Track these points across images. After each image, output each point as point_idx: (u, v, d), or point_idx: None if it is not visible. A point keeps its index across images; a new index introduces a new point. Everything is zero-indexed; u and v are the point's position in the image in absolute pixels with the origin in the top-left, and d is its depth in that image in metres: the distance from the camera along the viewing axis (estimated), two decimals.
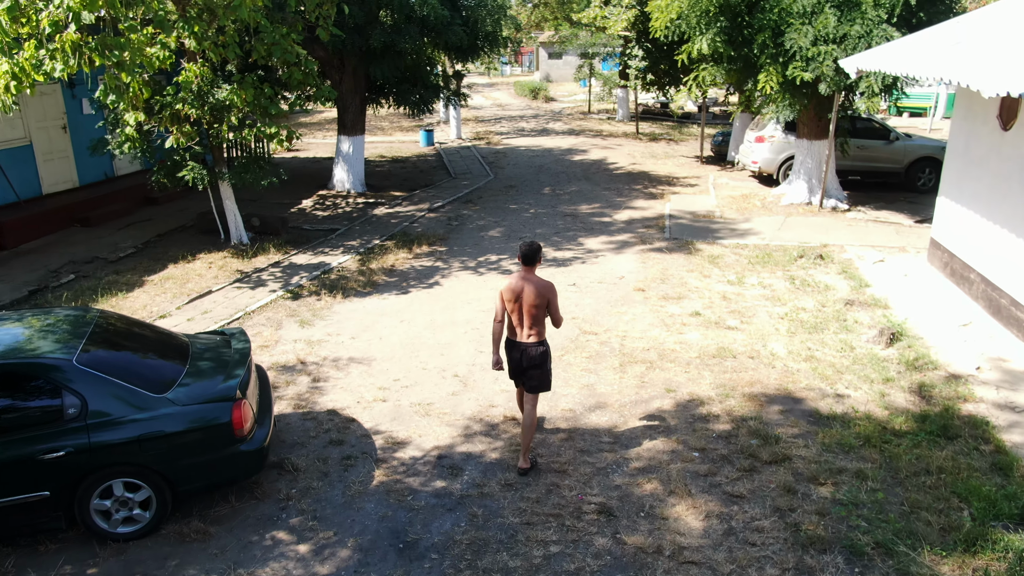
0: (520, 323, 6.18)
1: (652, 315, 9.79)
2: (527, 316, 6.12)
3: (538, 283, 6.10)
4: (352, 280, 11.34)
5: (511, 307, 6.17)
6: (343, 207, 16.04)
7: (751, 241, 13.04)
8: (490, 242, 13.36)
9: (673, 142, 25.41)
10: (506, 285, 6.19)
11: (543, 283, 6.13)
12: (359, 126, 16.87)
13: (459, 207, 16.11)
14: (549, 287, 6.14)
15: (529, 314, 6.11)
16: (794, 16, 13.25)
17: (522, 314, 6.13)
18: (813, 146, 15.24)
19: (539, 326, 6.19)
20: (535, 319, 6.14)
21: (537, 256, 6.18)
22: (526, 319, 6.13)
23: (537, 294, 6.05)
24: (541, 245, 6.62)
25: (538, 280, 6.13)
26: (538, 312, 6.13)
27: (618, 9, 19.42)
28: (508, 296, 6.14)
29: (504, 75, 64.63)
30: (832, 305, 9.96)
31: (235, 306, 10.38)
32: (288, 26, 12.08)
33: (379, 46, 14.51)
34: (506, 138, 26.89)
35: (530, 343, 6.21)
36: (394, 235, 13.79)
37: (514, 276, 6.23)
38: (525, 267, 6.18)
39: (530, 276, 6.14)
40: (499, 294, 6.24)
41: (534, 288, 6.06)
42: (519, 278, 6.14)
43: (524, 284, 6.09)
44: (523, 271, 6.19)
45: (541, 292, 6.06)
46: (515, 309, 6.16)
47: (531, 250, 6.15)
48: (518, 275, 6.19)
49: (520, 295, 6.09)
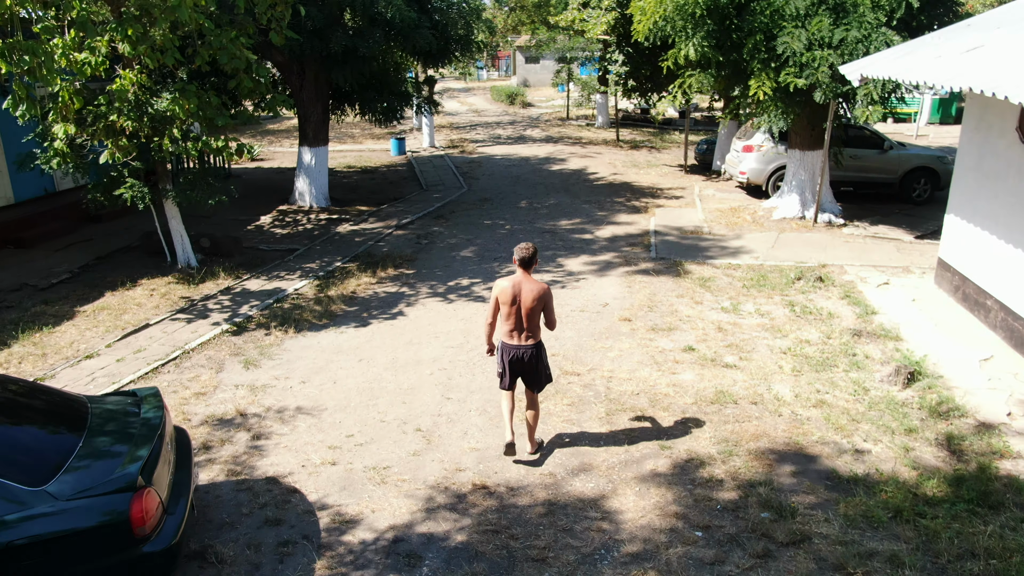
0: (517, 327, 6.21)
1: (641, 351, 8.78)
2: (524, 319, 6.16)
3: (535, 286, 6.13)
4: (307, 310, 10.22)
5: (507, 310, 6.16)
6: (304, 224, 14.90)
7: (744, 261, 12.09)
8: (462, 264, 12.30)
9: (655, 150, 24.51)
10: (501, 288, 6.17)
11: (539, 286, 6.15)
12: (322, 136, 15.75)
13: (429, 223, 15.03)
14: (546, 290, 6.16)
15: (526, 317, 6.15)
16: (787, 19, 12.35)
17: (519, 317, 6.16)
18: (806, 157, 14.35)
19: (535, 329, 6.26)
20: (531, 322, 6.19)
21: (534, 259, 6.22)
22: (524, 322, 6.17)
23: (534, 297, 6.08)
24: (537, 248, 6.54)
25: (534, 283, 6.15)
26: (534, 315, 6.18)
27: (597, 12, 18.47)
28: (504, 299, 6.13)
29: (481, 80, 63.63)
30: (838, 337, 9.01)
31: (173, 343, 9.23)
32: (237, 29, 10.97)
33: (340, 50, 13.41)
34: (481, 146, 25.85)
35: (527, 345, 6.26)
36: (357, 256, 12.69)
37: (509, 279, 6.21)
38: (521, 270, 6.20)
39: (526, 279, 6.15)
40: (493, 298, 6.25)
41: (531, 291, 6.09)
42: (515, 281, 6.15)
43: (521, 287, 6.12)
44: (519, 274, 6.20)
45: (538, 296, 6.10)
46: (511, 312, 6.16)
47: (528, 253, 6.18)
48: (513, 278, 6.18)
49: (517, 298, 6.11)
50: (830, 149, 14.30)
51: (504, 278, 6.30)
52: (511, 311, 6.16)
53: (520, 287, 6.13)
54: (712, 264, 11.97)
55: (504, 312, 6.19)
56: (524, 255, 6.18)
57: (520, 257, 6.19)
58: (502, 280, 6.26)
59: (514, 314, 6.17)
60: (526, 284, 6.13)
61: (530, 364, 6.32)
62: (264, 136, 28.36)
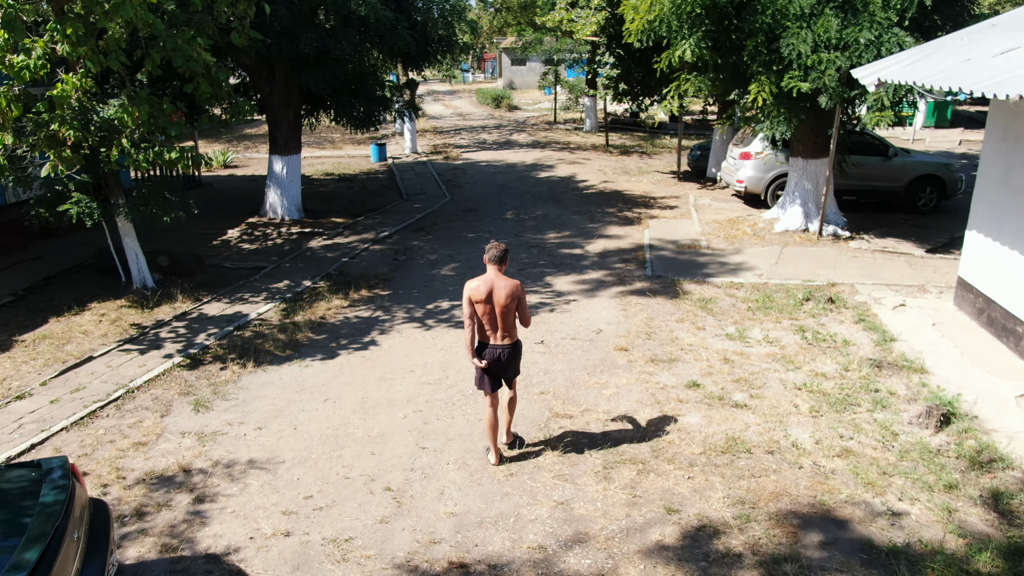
0: (492, 326, 6.13)
1: (640, 387, 7.88)
2: (499, 318, 6.08)
3: (507, 284, 6.03)
4: (270, 340, 9.25)
5: (482, 309, 6.07)
6: (274, 238, 13.91)
7: (746, 279, 11.23)
8: (442, 283, 11.36)
9: (646, 155, 23.66)
10: (474, 287, 6.04)
11: (511, 283, 6.05)
12: (293, 144, 14.76)
13: (409, 237, 14.08)
14: (518, 287, 6.07)
15: (501, 315, 6.07)
16: (790, 19, 11.50)
17: (494, 316, 6.08)
18: (809, 165, 13.52)
19: (511, 327, 6.19)
20: (506, 321, 6.11)
21: (505, 257, 6.14)
22: (499, 321, 6.10)
23: (507, 295, 6.00)
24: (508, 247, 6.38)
25: (506, 280, 6.05)
26: (509, 313, 6.09)
27: (586, 12, 17.59)
28: (477, 298, 6.03)
29: (466, 82, 62.70)
30: (857, 369, 8.14)
31: (118, 379, 8.24)
32: (196, 29, 10.00)
33: (311, 52, 12.44)
34: (466, 152, 24.91)
35: (505, 345, 6.20)
36: (329, 275, 11.72)
37: (480, 279, 6.08)
38: (493, 268, 6.07)
39: (498, 277, 6.05)
40: (467, 297, 6.07)
41: (503, 289, 6.00)
42: (487, 280, 6.04)
43: (493, 285, 6.01)
44: (491, 272, 6.08)
45: (511, 293, 6.01)
46: (486, 311, 6.07)
47: (501, 252, 6.10)
48: (485, 277, 6.07)
49: (490, 297, 6.01)
50: (835, 157, 13.50)
51: (474, 279, 6.13)
52: (485, 310, 6.07)
53: (492, 285, 6.02)
54: (712, 283, 11.10)
55: (479, 312, 6.09)
56: (496, 253, 6.09)
57: (492, 255, 6.09)
58: (472, 280, 6.11)
59: (488, 313, 6.08)
60: (498, 282, 6.03)
61: (507, 363, 6.27)
62: (240, 141, 27.31)
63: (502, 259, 6.11)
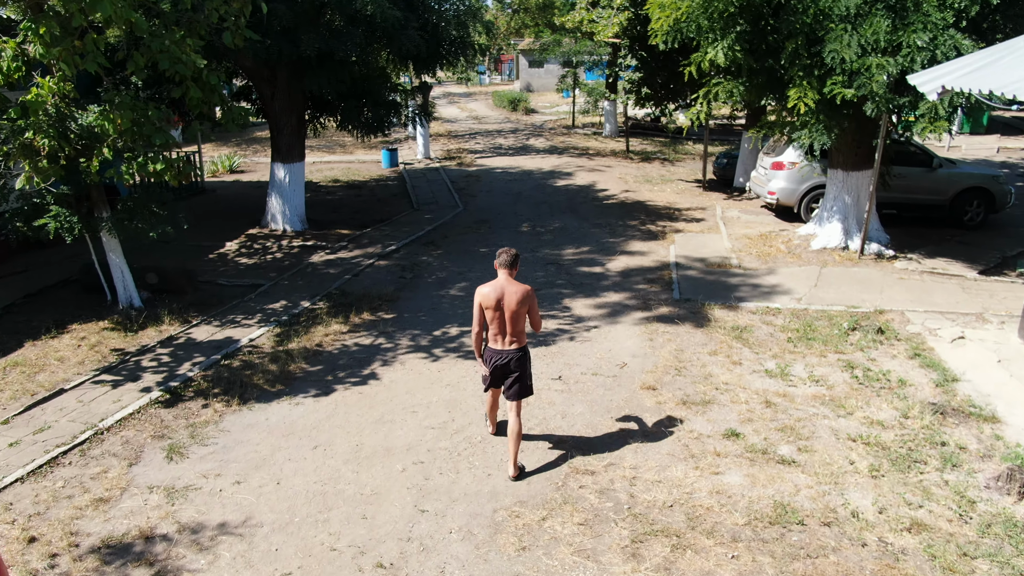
0: (501, 331, 6.11)
1: (671, 436, 6.94)
2: (508, 323, 6.06)
3: (517, 289, 6.03)
4: (260, 371, 8.39)
5: (491, 315, 6.06)
6: (274, 252, 13.07)
7: (783, 303, 10.25)
8: (451, 305, 10.47)
9: (668, 162, 22.66)
10: (484, 293, 6.04)
11: (522, 289, 6.05)
12: (297, 151, 13.93)
13: (417, 251, 13.20)
14: (529, 292, 6.07)
15: (511, 321, 6.05)
16: (834, 19, 10.52)
17: (503, 321, 6.06)
18: (850, 178, 12.50)
19: (520, 332, 6.15)
20: (516, 326, 6.08)
21: (516, 262, 6.14)
22: (508, 326, 6.07)
23: (518, 300, 5.98)
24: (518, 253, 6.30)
25: (517, 286, 6.05)
26: (519, 318, 6.07)
27: (608, 12, 16.66)
28: (488, 304, 6.02)
29: (483, 84, 61.88)
30: (919, 416, 7.16)
31: (88, 417, 7.42)
32: (187, 29, 9.19)
33: (314, 54, 11.60)
34: (481, 157, 24.03)
35: (512, 350, 6.15)
36: (330, 294, 10.85)
37: (491, 284, 6.07)
38: (504, 272, 6.07)
39: (509, 282, 6.05)
40: (476, 304, 6.09)
41: (514, 294, 5.99)
42: (497, 285, 6.04)
43: (504, 290, 6.00)
44: (502, 277, 6.08)
45: (522, 298, 6.00)
46: (495, 317, 6.05)
47: (511, 257, 6.10)
48: (496, 282, 6.06)
49: (501, 302, 6.00)
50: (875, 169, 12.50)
51: (485, 284, 6.11)
52: (495, 316, 6.05)
53: (504, 290, 6.01)
54: (746, 308, 10.13)
55: (489, 317, 6.07)
56: (506, 258, 6.09)
57: (502, 260, 6.09)
58: (484, 286, 6.09)
59: (498, 319, 6.06)
60: (509, 287, 6.02)
61: (514, 369, 6.19)
62: (249, 145, 26.58)
63: (512, 264, 6.08)
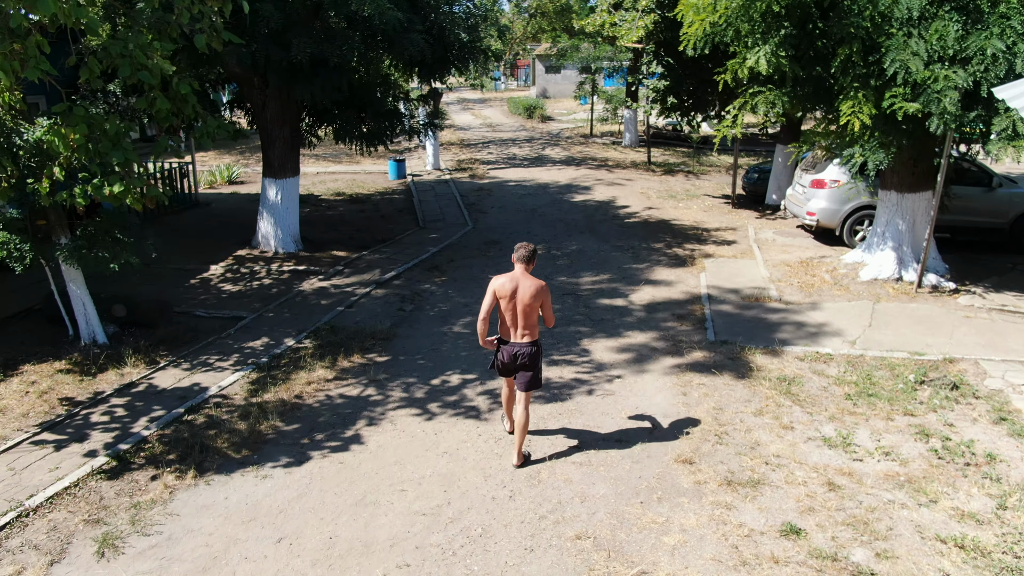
0: (514, 323, 6.17)
1: (715, 532, 5.64)
2: (521, 316, 6.12)
3: (532, 283, 6.07)
4: (226, 431, 7.17)
5: (505, 305, 6.12)
6: (262, 277, 11.87)
7: (835, 348, 8.92)
8: (453, 345, 9.22)
9: (692, 175, 21.33)
10: (499, 284, 6.11)
11: (536, 283, 6.09)
12: (290, 165, 12.75)
13: (419, 278, 11.96)
14: (543, 287, 6.11)
15: (523, 314, 6.10)
16: (894, 23, 9.20)
17: (516, 314, 6.11)
18: (905, 200, 11.14)
19: (532, 326, 6.19)
20: (528, 319, 6.13)
21: (534, 257, 6.21)
22: (520, 319, 6.13)
23: (532, 294, 6.04)
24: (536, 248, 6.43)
25: (532, 280, 6.10)
26: (532, 312, 6.12)
27: (632, 14, 15.39)
28: (502, 294, 6.09)
29: (498, 90, 60.74)
30: (1019, 507, 5.82)
31: (15, 492, 6.23)
32: (156, 31, 8.03)
33: (306, 59, 10.41)
34: (493, 168, 22.79)
35: (524, 343, 6.20)
36: (318, 331, 9.63)
37: (507, 275, 6.14)
38: (520, 267, 6.14)
39: (524, 276, 6.11)
40: (491, 292, 6.11)
41: (528, 288, 6.05)
42: (513, 277, 6.10)
43: (519, 283, 6.07)
44: (518, 270, 6.14)
45: (536, 292, 6.05)
46: (509, 308, 6.12)
47: (529, 252, 6.18)
48: (512, 274, 6.13)
49: (515, 294, 6.06)
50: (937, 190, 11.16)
51: (502, 275, 6.19)
52: (508, 307, 6.11)
53: (518, 283, 6.08)
54: (792, 353, 8.81)
55: (502, 307, 6.14)
56: (524, 253, 6.16)
57: (520, 255, 6.17)
58: (500, 276, 6.17)
59: (511, 311, 6.12)
60: (524, 281, 6.08)
61: (524, 363, 6.22)
62: (253, 153, 25.49)
63: (529, 259, 6.16)
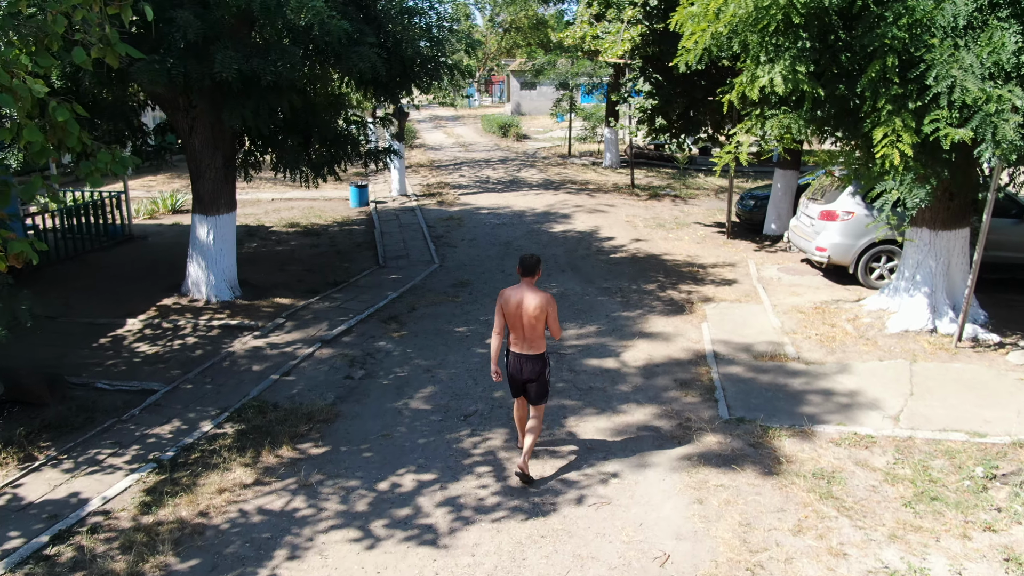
0: (521, 336, 6.16)
1: None
2: (527, 328, 6.11)
3: (537, 296, 6.08)
4: (96, 575, 5.36)
5: (511, 319, 6.12)
6: (187, 333, 10.04)
7: (875, 426, 7.30)
8: (410, 428, 7.47)
9: (680, 200, 19.80)
10: (506, 296, 6.15)
11: (541, 296, 6.09)
12: (224, 200, 10.96)
13: (374, 332, 10.19)
14: (548, 299, 6.10)
15: (529, 326, 6.10)
16: (937, 33, 7.69)
17: (522, 326, 6.11)
18: (939, 239, 9.60)
19: (539, 338, 6.19)
20: (535, 331, 6.12)
21: (538, 267, 6.15)
22: (526, 331, 6.13)
23: (537, 306, 6.04)
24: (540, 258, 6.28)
25: (537, 293, 6.09)
26: (538, 324, 6.10)
27: (616, 26, 13.85)
28: (507, 308, 6.11)
29: (472, 107, 59.24)
30: None
31: None
32: (27, 42, 6.31)
33: (232, 77, 8.67)
34: (465, 193, 21.10)
35: (531, 356, 6.20)
36: (243, 410, 7.82)
37: (513, 288, 6.17)
38: (524, 279, 6.15)
39: (529, 289, 6.11)
40: (497, 306, 6.18)
41: (533, 301, 6.05)
42: (518, 290, 6.13)
43: (524, 296, 6.08)
44: (522, 283, 6.16)
45: (541, 304, 6.05)
46: (515, 321, 6.12)
47: (532, 262, 6.15)
48: (518, 287, 6.16)
49: (519, 308, 6.06)
50: (974, 226, 9.67)
51: (509, 288, 6.20)
52: (514, 320, 6.12)
53: (523, 297, 6.08)
54: (825, 435, 7.17)
55: (509, 322, 6.13)
56: (527, 264, 6.13)
57: (523, 265, 6.14)
58: (507, 289, 6.19)
59: (517, 324, 6.12)
60: (528, 294, 6.09)
61: (531, 375, 6.21)
62: None
63: (530, 271, 6.12)
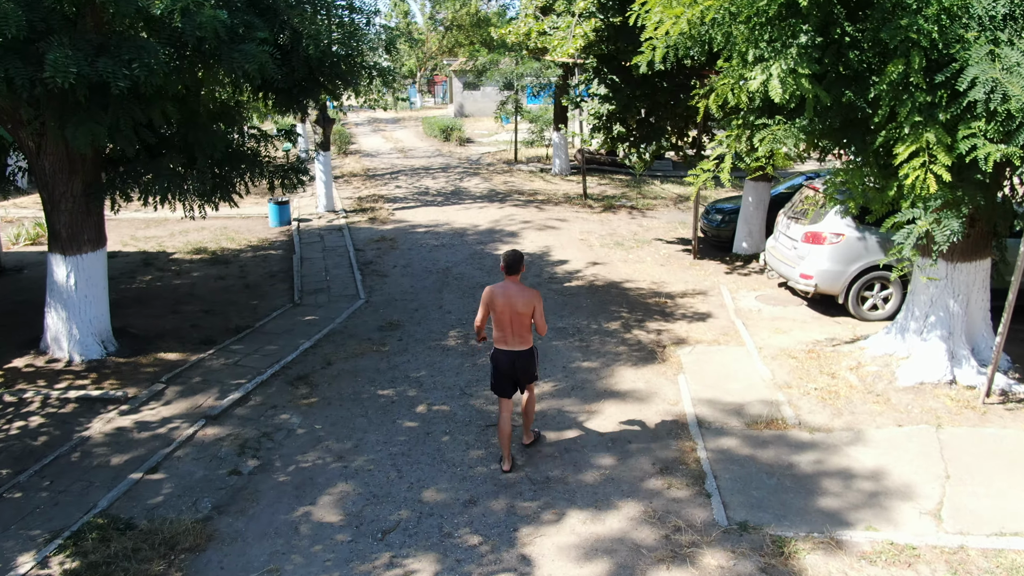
0: (510, 331, 6.20)
1: None
2: (515, 323, 6.16)
3: (522, 292, 6.15)
4: None
5: (498, 315, 6.18)
6: (32, 410, 7.87)
7: (914, 532, 5.65)
8: (307, 557, 5.52)
9: (637, 211, 18.18)
10: (493, 291, 6.19)
11: (527, 292, 6.17)
12: (86, 234, 8.81)
13: (276, 399, 8.18)
14: (534, 294, 6.19)
15: (517, 322, 6.15)
16: (971, 23, 6.10)
17: (508, 323, 6.16)
18: (957, 272, 8.04)
19: (526, 333, 6.25)
20: (523, 326, 6.19)
21: (521, 264, 6.21)
22: (514, 326, 6.17)
23: (523, 302, 6.10)
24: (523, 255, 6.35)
25: (523, 289, 6.17)
26: (524, 319, 6.17)
27: (566, 20, 12.11)
28: (493, 304, 6.17)
29: (414, 108, 56.98)
30: None
31: None
32: None
33: (69, 83, 6.59)
34: (401, 208, 19.09)
35: (520, 351, 6.27)
36: (84, 530, 5.76)
37: (499, 285, 6.22)
38: (509, 277, 6.20)
39: (514, 285, 6.16)
40: (483, 303, 6.23)
41: (519, 297, 6.10)
42: (504, 287, 6.18)
43: (511, 292, 6.13)
44: (507, 280, 6.21)
45: (527, 299, 6.12)
46: (502, 318, 6.18)
47: (514, 259, 6.18)
48: (504, 284, 6.20)
49: (508, 303, 6.11)
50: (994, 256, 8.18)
51: (494, 284, 6.27)
52: (500, 317, 6.15)
53: (510, 293, 6.10)
54: (856, 547, 5.49)
55: (494, 317, 6.19)
56: (510, 260, 6.16)
57: (506, 263, 6.17)
58: (493, 286, 6.25)
59: (504, 320, 6.14)
60: (514, 291, 6.11)
61: (522, 368, 6.31)
62: None
63: (512, 268, 6.15)
